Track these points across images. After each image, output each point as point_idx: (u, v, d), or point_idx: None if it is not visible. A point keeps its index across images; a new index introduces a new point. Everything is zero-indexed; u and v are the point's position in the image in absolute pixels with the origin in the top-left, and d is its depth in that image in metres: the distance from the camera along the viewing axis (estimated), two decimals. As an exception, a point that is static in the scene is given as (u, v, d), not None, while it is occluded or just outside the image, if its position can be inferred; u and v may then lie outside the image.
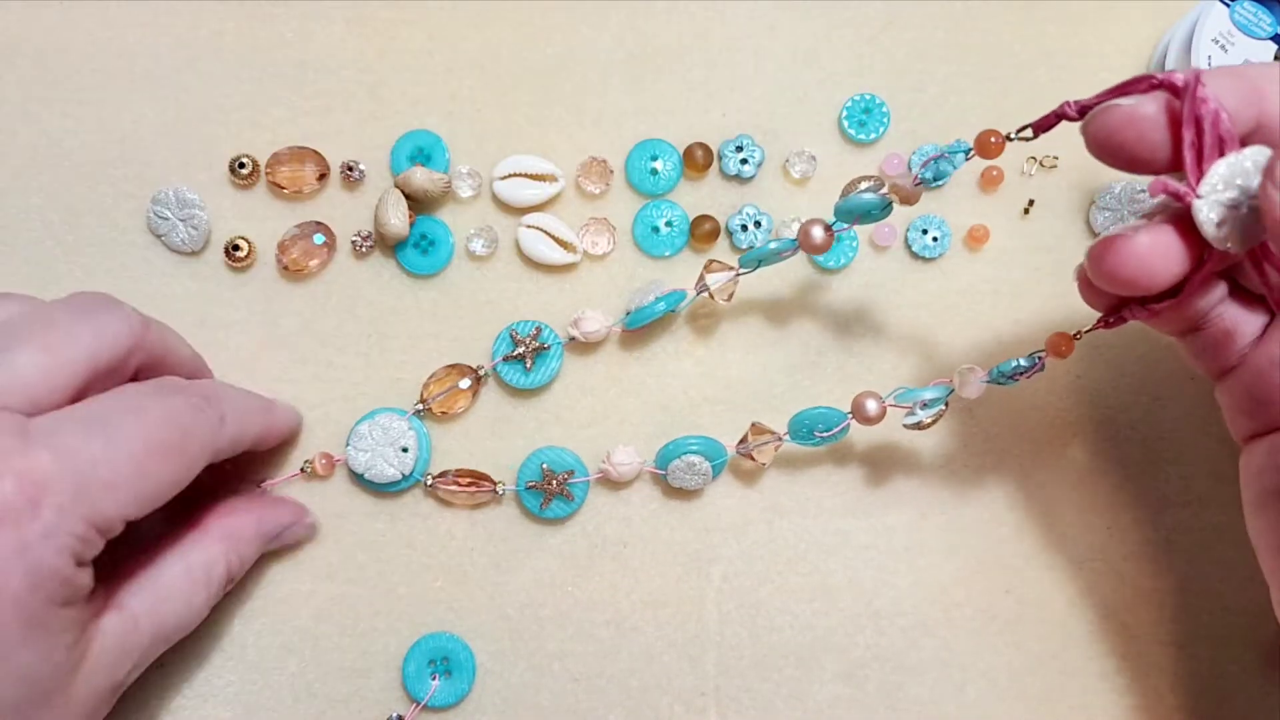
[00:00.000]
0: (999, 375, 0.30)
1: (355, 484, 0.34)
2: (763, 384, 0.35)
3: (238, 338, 0.35)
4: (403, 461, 0.33)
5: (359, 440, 0.34)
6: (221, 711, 0.34)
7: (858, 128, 0.36)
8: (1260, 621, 0.34)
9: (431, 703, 0.33)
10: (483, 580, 0.34)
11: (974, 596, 0.35)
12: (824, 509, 0.35)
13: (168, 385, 0.29)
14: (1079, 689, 0.34)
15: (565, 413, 0.35)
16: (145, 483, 0.26)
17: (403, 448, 0.34)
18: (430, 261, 0.35)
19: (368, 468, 0.33)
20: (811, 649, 0.34)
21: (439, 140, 0.35)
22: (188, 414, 0.28)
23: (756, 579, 0.34)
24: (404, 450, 0.33)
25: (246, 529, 0.32)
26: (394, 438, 0.34)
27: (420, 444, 0.34)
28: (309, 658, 0.34)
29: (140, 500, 0.26)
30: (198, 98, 0.36)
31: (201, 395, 0.29)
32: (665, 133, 0.36)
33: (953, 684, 0.34)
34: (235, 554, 0.31)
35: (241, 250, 0.35)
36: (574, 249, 0.35)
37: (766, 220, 0.35)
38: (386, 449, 0.34)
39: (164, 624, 0.29)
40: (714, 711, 0.34)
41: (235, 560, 0.31)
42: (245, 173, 0.35)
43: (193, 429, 0.28)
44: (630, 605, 0.34)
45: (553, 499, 0.34)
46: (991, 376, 0.31)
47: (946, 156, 0.29)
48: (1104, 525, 0.35)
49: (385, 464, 0.33)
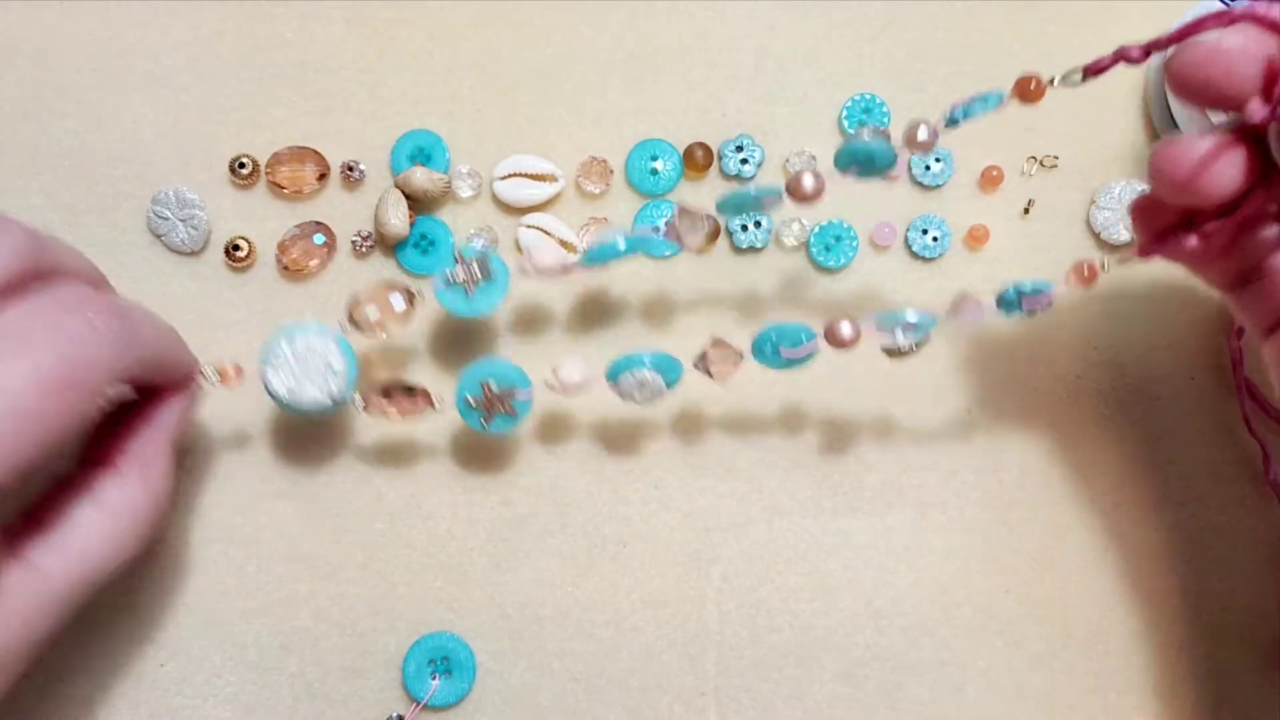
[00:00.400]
0: (1006, 300, 0.28)
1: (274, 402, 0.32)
2: (762, 384, 0.35)
3: (238, 338, 0.35)
4: (331, 383, 0.30)
5: (276, 360, 0.30)
6: (221, 711, 0.34)
7: (857, 128, 0.36)
8: (1260, 621, 0.34)
9: (432, 702, 0.33)
10: (483, 580, 0.34)
11: (974, 596, 0.35)
12: (824, 509, 0.35)
13: (61, 301, 0.25)
14: (1079, 689, 0.34)
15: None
16: (38, 428, 0.23)
17: (330, 367, 0.30)
18: (430, 261, 0.35)
19: (291, 391, 0.30)
20: (811, 649, 0.34)
21: (439, 140, 0.35)
22: (86, 338, 0.24)
23: (756, 579, 0.34)
24: (333, 371, 0.30)
25: (153, 442, 0.29)
26: (320, 358, 0.30)
27: (349, 364, 0.31)
28: (309, 657, 0.34)
29: (36, 447, 0.23)
30: (198, 98, 0.36)
31: (99, 311, 0.25)
32: (665, 133, 0.36)
33: (952, 684, 0.34)
34: (151, 473, 0.28)
35: (241, 250, 0.35)
36: (574, 249, 0.35)
37: (766, 220, 0.35)
38: (312, 370, 0.30)
39: (83, 571, 0.26)
40: (714, 711, 0.34)
41: (155, 477, 0.28)
42: (245, 173, 0.35)
43: (93, 357, 0.24)
44: (630, 605, 0.34)
45: (495, 415, 0.32)
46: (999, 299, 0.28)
47: (980, 98, 0.27)
48: (1104, 525, 0.35)
49: (312, 387, 0.30)
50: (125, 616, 0.34)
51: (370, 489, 0.35)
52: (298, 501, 0.34)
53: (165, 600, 0.34)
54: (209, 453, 0.34)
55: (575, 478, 0.35)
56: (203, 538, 0.34)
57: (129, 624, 0.34)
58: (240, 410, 0.35)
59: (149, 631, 0.34)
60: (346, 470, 0.35)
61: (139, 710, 0.33)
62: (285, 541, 0.34)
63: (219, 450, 0.35)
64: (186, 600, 0.34)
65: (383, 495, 0.35)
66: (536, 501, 0.35)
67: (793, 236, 0.35)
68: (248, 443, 0.35)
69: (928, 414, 0.35)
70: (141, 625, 0.34)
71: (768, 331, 0.30)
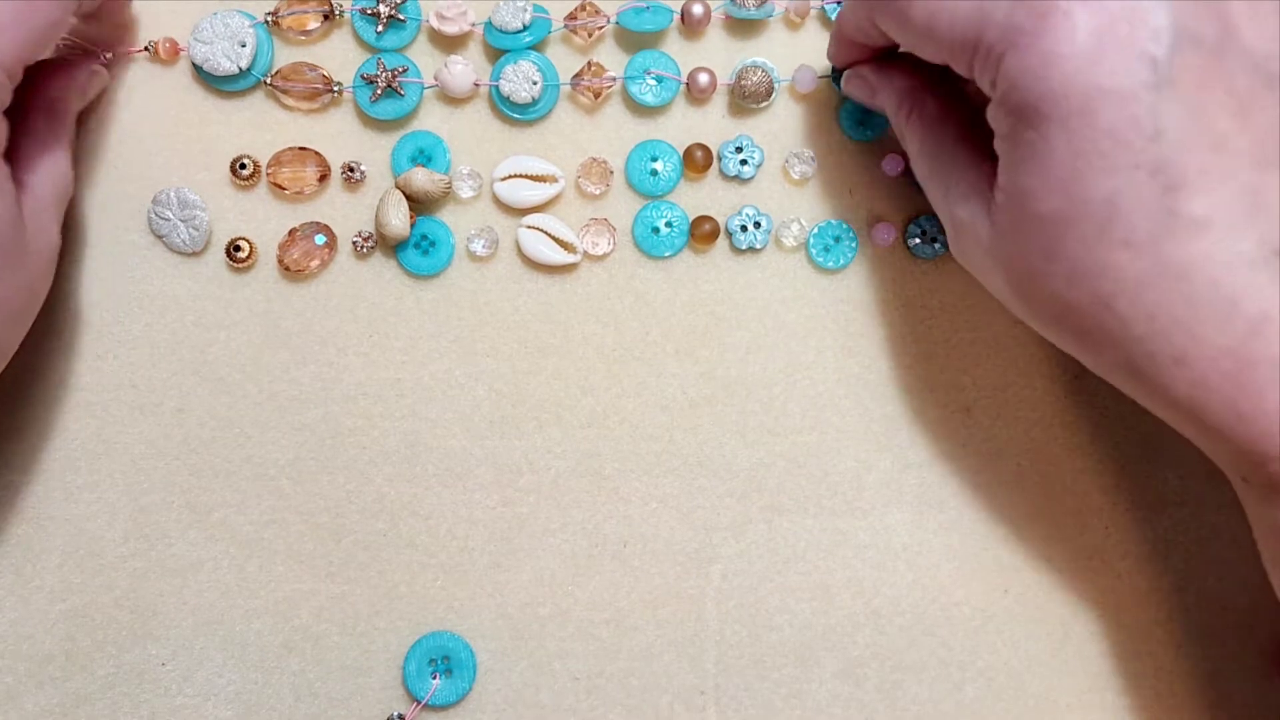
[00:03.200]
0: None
1: (198, 80, 0.35)
2: (761, 383, 0.35)
3: (238, 338, 0.35)
4: (240, 55, 0.34)
5: (200, 33, 0.34)
6: (222, 710, 0.34)
7: (857, 128, 0.36)
8: (1260, 621, 0.34)
9: (432, 702, 0.34)
10: (483, 579, 0.34)
11: (973, 596, 0.35)
12: (823, 508, 0.35)
13: None
14: (1078, 689, 0.34)
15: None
16: (33, 21, 0.28)
17: (240, 43, 0.34)
18: (431, 262, 0.35)
19: (205, 60, 0.34)
20: (811, 648, 0.34)
21: (440, 141, 0.36)
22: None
23: (756, 578, 0.35)
24: (242, 45, 0.34)
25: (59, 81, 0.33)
26: (233, 33, 0.34)
27: (259, 45, 0.35)
28: (310, 657, 0.34)
29: (32, 41, 0.29)
30: (198, 97, 0.36)
31: None
32: (665, 133, 0.36)
33: (951, 683, 0.34)
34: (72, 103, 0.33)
35: (242, 251, 0.35)
36: (574, 249, 0.35)
37: (766, 221, 0.35)
38: (225, 43, 0.34)
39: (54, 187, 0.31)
40: (713, 710, 0.34)
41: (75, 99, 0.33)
42: (246, 173, 0.35)
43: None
44: (630, 605, 0.34)
45: (383, 93, 0.35)
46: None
47: None
48: (1102, 525, 0.35)
49: (223, 57, 0.34)
50: (126, 616, 0.34)
51: (370, 489, 0.35)
52: (298, 500, 0.35)
53: (166, 600, 0.34)
54: (209, 452, 0.35)
55: (575, 478, 0.35)
56: (203, 537, 0.34)
57: (130, 623, 0.34)
58: (240, 410, 0.35)
59: (150, 631, 0.34)
60: (346, 470, 0.35)
61: (140, 710, 0.34)
62: (286, 541, 0.34)
63: (218, 450, 0.35)
64: (187, 600, 0.34)
65: (383, 495, 0.35)
66: (536, 501, 0.35)
67: (792, 237, 0.35)
68: (247, 442, 0.35)
69: (927, 414, 0.35)
70: (143, 625, 0.34)
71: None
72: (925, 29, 0.27)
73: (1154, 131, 0.24)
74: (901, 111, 0.32)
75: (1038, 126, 0.25)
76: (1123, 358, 0.26)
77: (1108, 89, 0.24)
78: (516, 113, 0.35)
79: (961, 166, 0.29)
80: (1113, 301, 0.25)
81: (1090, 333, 0.26)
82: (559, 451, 0.35)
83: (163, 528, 0.34)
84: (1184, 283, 0.24)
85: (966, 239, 0.29)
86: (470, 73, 0.35)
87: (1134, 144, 0.24)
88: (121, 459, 0.34)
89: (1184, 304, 0.24)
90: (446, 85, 0.35)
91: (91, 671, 0.34)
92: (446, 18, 0.35)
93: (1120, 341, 0.26)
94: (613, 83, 0.36)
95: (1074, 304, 0.26)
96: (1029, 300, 0.27)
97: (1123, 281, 0.25)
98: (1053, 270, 0.26)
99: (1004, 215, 0.27)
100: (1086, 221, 0.25)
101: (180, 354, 0.35)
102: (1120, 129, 0.24)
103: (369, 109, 0.35)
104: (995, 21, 0.25)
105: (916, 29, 0.28)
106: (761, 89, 0.35)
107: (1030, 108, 0.25)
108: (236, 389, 0.35)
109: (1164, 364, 0.25)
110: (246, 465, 0.35)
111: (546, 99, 0.35)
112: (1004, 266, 0.27)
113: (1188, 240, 0.24)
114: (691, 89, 0.35)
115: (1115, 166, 0.24)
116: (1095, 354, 0.27)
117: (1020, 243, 0.26)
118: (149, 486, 0.34)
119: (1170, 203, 0.24)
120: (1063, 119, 0.24)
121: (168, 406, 0.35)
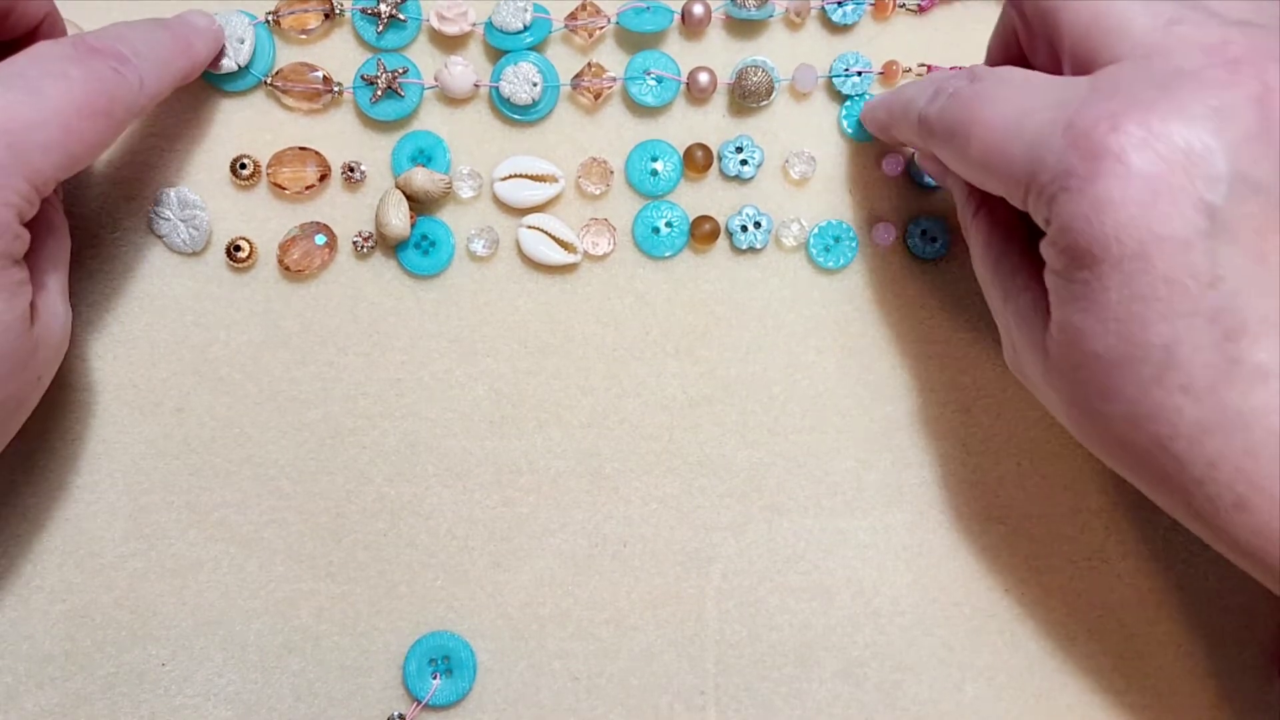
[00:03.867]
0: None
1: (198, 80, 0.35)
2: (761, 383, 0.35)
3: (238, 338, 0.35)
4: (238, 52, 0.34)
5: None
6: (223, 710, 0.34)
7: (857, 128, 0.36)
8: (1260, 621, 0.34)
9: (432, 701, 0.34)
10: (483, 579, 0.34)
11: (973, 596, 0.35)
12: (823, 508, 0.35)
13: (84, 47, 0.29)
14: (1078, 689, 0.34)
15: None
16: (75, 145, 0.28)
17: (239, 39, 0.34)
18: (431, 262, 0.35)
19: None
20: (811, 647, 0.34)
21: (440, 141, 0.36)
22: (111, 79, 0.29)
23: (756, 578, 0.35)
24: (240, 42, 0.34)
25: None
26: (233, 31, 0.34)
27: (260, 44, 0.35)
28: (310, 656, 0.34)
29: (71, 161, 0.28)
30: (199, 97, 0.36)
31: (118, 57, 0.29)
32: (665, 133, 0.36)
33: (951, 683, 0.34)
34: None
35: (243, 251, 0.35)
36: (574, 249, 0.35)
37: (766, 220, 0.35)
38: (225, 41, 0.34)
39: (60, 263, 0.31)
40: (713, 710, 0.34)
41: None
42: (246, 173, 0.35)
43: (117, 94, 0.29)
44: (630, 604, 0.34)
45: (383, 94, 0.35)
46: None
47: None
48: (1102, 525, 0.35)
49: (222, 56, 0.34)
50: (126, 616, 0.34)
51: (370, 489, 0.35)
52: (298, 500, 0.35)
53: (166, 600, 0.34)
54: (209, 452, 0.35)
55: (575, 478, 0.35)
56: (203, 537, 0.34)
57: (130, 623, 0.34)
58: (240, 410, 0.35)
59: (150, 631, 0.34)
60: (346, 470, 0.35)
61: (140, 709, 0.34)
62: (285, 541, 0.34)
63: (218, 450, 0.35)
64: (187, 600, 0.34)
65: (383, 495, 0.35)
66: (536, 501, 0.35)
67: (792, 237, 0.35)
68: (247, 442, 0.35)
69: (927, 414, 0.35)
70: (143, 625, 0.34)
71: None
72: (981, 166, 0.27)
73: (1212, 278, 0.23)
74: (970, 206, 0.31)
75: (1091, 268, 0.24)
76: (1182, 499, 0.25)
77: (1163, 236, 0.23)
78: (517, 114, 0.35)
79: (1024, 280, 0.28)
80: (1171, 445, 0.24)
81: (1149, 471, 0.26)
82: (559, 451, 0.35)
83: (162, 528, 0.34)
84: (1246, 432, 0.24)
85: (1022, 357, 0.29)
86: (470, 74, 0.35)
87: (1191, 291, 0.23)
88: (121, 459, 0.34)
89: (1245, 453, 0.24)
90: (446, 86, 0.35)
91: (91, 671, 0.34)
92: (447, 18, 0.35)
93: (1179, 484, 0.25)
94: (613, 83, 0.36)
95: (1132, 443, 0.25)
96: (1086, 434, 0.27)
97: (1181, 426, 0.24)
98: (1109, 410, 0.25)
99: (1058, 349, 0.26)
100: (1144, 365, 0.24)
101: (180, 354, 0.35)
102: (1177, 276, 0.23)
103: (369, 110, 0.35)
104: (1048, 165, 0.25)
105: (973, 165, 0.27)
106: (762, 88, 0.35)
107: (1083, 250, 0.24)
108: (236, 389, 0.35)
109: (1225, 509, 0.24)
110: (246, 465, 0.35)
111: (547, 100, 0.35)
112: (1059, 396, 0.27)
113: (1249, 389, 0.23)
114: (691, 89, 0.35)
115: (1173, 313, 0.24)
116: (1154, 491, 0.26)
117: (1076, 378, 0.26)
118: (149, 486, 0.34)
119: (1231, 350, 0.23)
120: (1116, 263, 0.24)
121: (168, 406, 0.35)
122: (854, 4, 0.36)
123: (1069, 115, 0.24)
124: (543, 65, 0.35)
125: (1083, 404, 0.26)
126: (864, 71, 0.36)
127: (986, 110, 0.27)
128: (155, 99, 0.31)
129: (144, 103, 0.30)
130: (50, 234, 0.31)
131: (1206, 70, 0.24)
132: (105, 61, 0.29)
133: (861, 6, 0.36)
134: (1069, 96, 0.25)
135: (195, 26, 0.33)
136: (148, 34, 0.31)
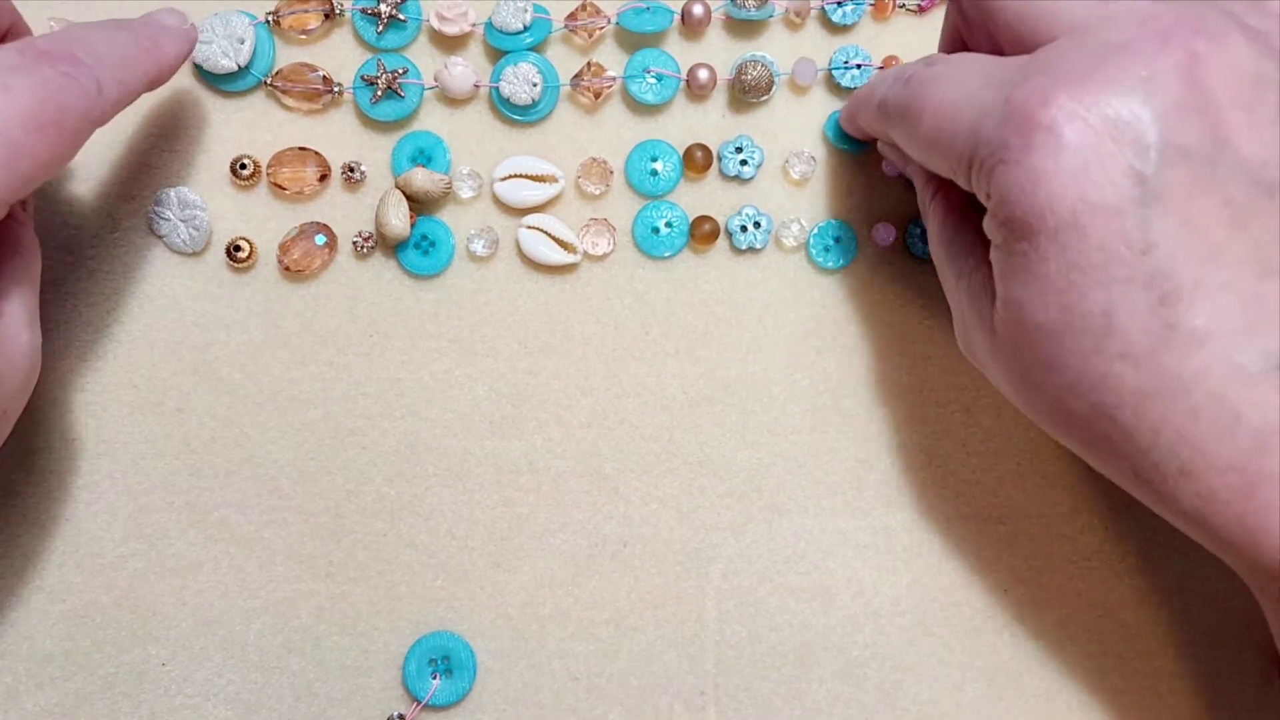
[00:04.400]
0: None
1: (198, 80, 0.35)
2: (761, 383, 0.35)
3: (238, 338, 0.35)
4: (238, 52, 0.34)
5: (200, 33, 0.34)
6: (222, 710, 0.34)
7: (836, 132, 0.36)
8: (1260, 621, 0.34)
9: (432, 702, 0.34)
10: (483, 579, 0.34)
11: (973, 596, 0.35)
12: (823, 508, 0.35)
13: (31, 52, 0.27)
14: (1078, 689, 0.34)
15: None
16: (23, 162, 0.26)
17: (239, 39, 0.34)
18: (431, 262, 0.35)
19: (205, 59, 0.34)
20: (810, 648, 0.34)
21: (440, 141, 0.36)
22: (61, 86, 0.26)
23: (756, 578, 0.35)
24: (240, 42, 0.34)
25: None
26: (233, 31, 0.34)
27: (260, 45, 0.35)
28: (310, 657, 0.34)
29: (22, 180, 0.26)
30: (198, 97, 0.36)
31: (70, 60, 0.27)
32: (665, 133, 0.36)
33: (951, 683, 0.34)
34: None
35: (243, 251, 0.35)
36: (574, 249, 0.35)
37: (766, 221, 0.35)
38: (224, 41, 0.34)
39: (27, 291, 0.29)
40: (713, 710, 0.34)
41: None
42: (246, 173, 0.35)
43: (68, 102, 0.26)
44: (630, 604, 0.34)
45: (383, 95, 0.35)
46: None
47: None
48: (1103, 525, 0.35)
49: (222, 56, 0.34)
50: (126, 616, 0.34)
51: (370, 489, 0.35)
52: (298, 500, 0.35)
53: (166, 600, 0.34)
54: (208, 452, 0.35)
55: (575, 478, 0.35)
56: (203, 537, 0.34)
57: (130, 623, 0.34)
58: (240, 410, 0.35)
59: (150, 631, 0.34)
60: (346, 470, 0.35)
61: (140, 709, 0.34)
62: (285, 541, 0.34)
63: (218, 450, 0.35)
64: (187, 600, 0.34)
65: (382, 495, 0.35)
66: (536, 501, 0.35)
67: (792, 237, 0.35)
68: (247, 442, 0.35)
69: (927, 414, 0.35)
70: (143, 625, 0.34)
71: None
72: (930, 145, 0.28)
73: (1145, 245, 0.24)
74: (928, 190, 0.32)
75: (1029, 239, 0.25)
76: (1129, 467, 0.26)
77: (1095, 204, 0.24)
78: (517, 114, 0.35)
79: (975, 261, 0.29)
80: (1115, 413, 0.25)
81: (1096, 442, 0.26)
82: (559, 451, 0.35)
83: (162, 528, 0.34)
84: (1186, 396, 0.24)
85: (971, 335, 0.29)
86: (470, 74, 0.35)
87: (1125, 258, 0.24)
88: (121, 459, 0.34)
89: (1187, 417, 0.24)
90: (446, 86, 0.35)
91: (91, 671, 0.34)
92: (447, 18, 0.35)
93: (1125, 452, 0.25)
94: (613, 83, 0.36)
95: (1077, 413, 0.26)
96: (1033, 407, 0.27)
97: (1123, 393, 0.24)
98: (1053, 381, 0.26)
99: (1003, 325, 0.27)
100: (1083, 334, 0.25)
101: (180, 354, 0.35)
102: (1110, 243, 0.24)
103: (369, 110, 0.35)
104: (985, 138, 0.25)
105: (922, 145, 0.28)
106: (762, 83, 0.35)
107: (1020, 221, 0.25)
108: (236, 389, 0.35)
109: (1170, 476, 0.25)
110: (246, 465, 0.35)
111: (546, 100, 0.35)
112: (1006, 371, 0.27)
113: (1187, 353, 0.24)
114: (691, 85, 0.35)
115: (1109, 280, 0.24)
116: (1102, 462, 0.27)
117: (1020, 351, 0.26)
118: (149, 486, 0.34)
119: (1167, 315, 0.24)
120: (1052, 233, 0.24)
121: (168, 406, 0.35)
122: (854, 4, 0.36)
123: (1007, 91, 0.25)
124: (543, 66, 0.35)
125: (1028, 377, 0.26)
126: (864, 64, 0.36)
127: (938, 91, 0.28)
128: (119, 105, 0.28)
129: (105, 109, 0.28)
130: (14, 254, 0.29)
131: (1137, 42, 0.24)
132: (55, 66, 0.26)
133: (861, 7, 0.36)
134: (1010, 74, 0.26)
135: (164, 25, 0.31)
136: (107, 35, 0.29)
